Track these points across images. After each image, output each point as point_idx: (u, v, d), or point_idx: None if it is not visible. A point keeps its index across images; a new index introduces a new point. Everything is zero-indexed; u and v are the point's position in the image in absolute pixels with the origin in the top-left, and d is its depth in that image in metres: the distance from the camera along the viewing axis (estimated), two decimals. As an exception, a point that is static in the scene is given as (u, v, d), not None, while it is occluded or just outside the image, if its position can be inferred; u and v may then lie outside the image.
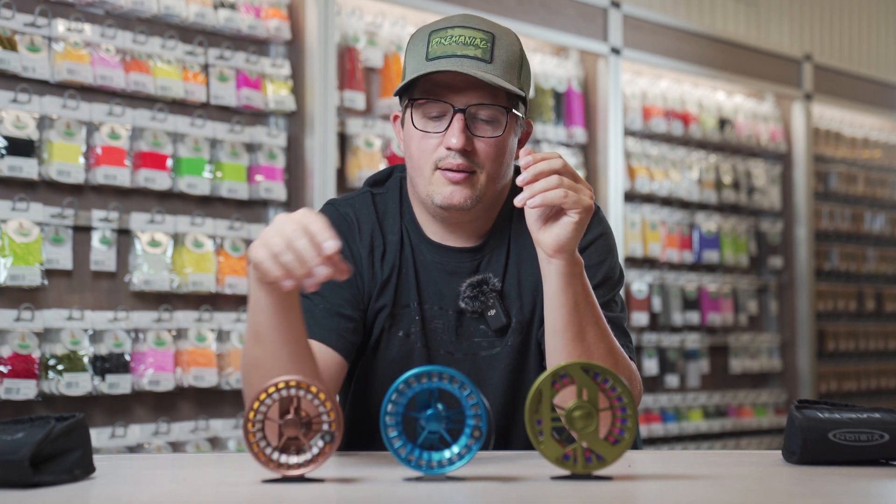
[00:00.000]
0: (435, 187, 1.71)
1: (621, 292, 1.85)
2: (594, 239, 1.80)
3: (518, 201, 1.55)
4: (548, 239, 1.57)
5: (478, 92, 1.69)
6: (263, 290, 1.49)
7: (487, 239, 1.80)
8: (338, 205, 1.85)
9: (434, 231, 1.80)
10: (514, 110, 1.72)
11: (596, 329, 1.61)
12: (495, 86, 1.68)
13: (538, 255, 1.61)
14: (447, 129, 1.69)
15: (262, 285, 1.49)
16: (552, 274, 1.59)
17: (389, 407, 1.33)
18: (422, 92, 1.71)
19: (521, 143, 1.80)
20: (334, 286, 1.72)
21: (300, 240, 1.39)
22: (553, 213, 1.57)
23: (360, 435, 1.81)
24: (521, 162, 1.56)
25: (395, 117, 1.82)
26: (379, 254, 1.79)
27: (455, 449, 1.34)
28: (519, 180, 1.55)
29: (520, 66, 1.74)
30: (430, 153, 1.71)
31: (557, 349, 1.61)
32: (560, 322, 1.60)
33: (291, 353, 1.55)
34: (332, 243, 1.38)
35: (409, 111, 1.73)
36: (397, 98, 1.80)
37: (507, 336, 1.77)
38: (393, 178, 1.87)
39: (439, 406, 1.34)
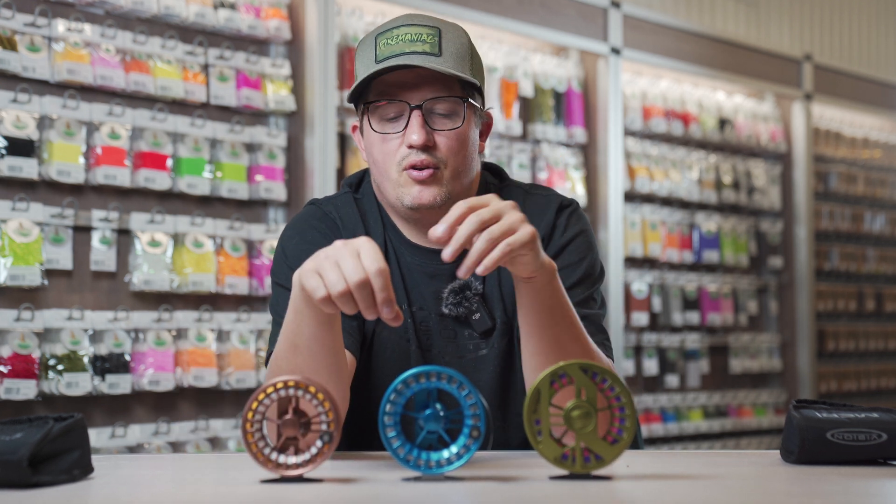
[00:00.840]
0: (403, 189, 1.70)
1: (601, 289, 1.84)
2: (573, 237, 1.79)
3: (462, 273, 1.41)
4: (517, 271, 1.51)
5: (432, 86, 1.69)
6: (309, 304, 1.45)
7: None
8: (320, 204, 1.85)
9: (412, 233, 1.79)
10: (470, 100, 1.72)
11: (571, 330, 1.60)
12: (449, 77, 1.68)
13: (514, 278, 1.56)
14: (406, 127, 1.69)
15: (308, 301, 1.45)
16: (525, 288, 1.56)
17: (388, 407, 1.33)
18: (376, 94, 1.70)
19: (483, 135, 1.80)
20: None
21: (361, 291, 1.34)
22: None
23: (359, 436, 1.81)
24: (433, 239, 1.42)
25: (354, 127, 1.81)
26: None
27: (454, 449, 1.34)
28: (444, 257, 1.42)
29: (470, 56, 1.73)
30: (392, 155, 1.70)
31: (534, 353, 1.60)
32: (535, 328, 1.58)
33: (330, 365, 1.52)
34: (389, 311, 1.34)
35: (365, 117, 1.73)
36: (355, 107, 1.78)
37: (493, 338, 1.77)
38: (366, 182, 1.86)
39: (438, 406, 1.34)
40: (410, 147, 1.68)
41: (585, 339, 1.63)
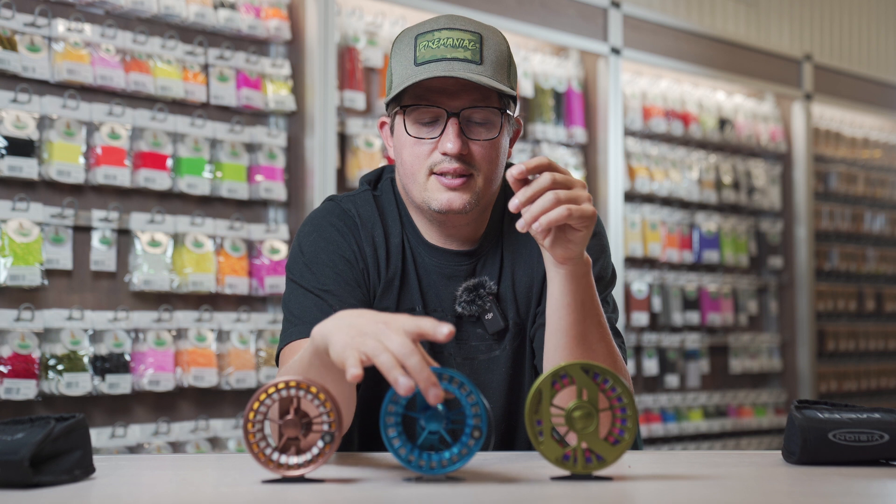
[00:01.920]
0: (431, 193, 1.70)
1: (614, 292, 1.83)
2: None
3: (521, 226, 1.48)
4: (557, 251, 1.53)
5: (470, 94, 1.68)
6: (321, 362, 1.41)
7: (482, 242, 1.79)
8: (339, 200, 1.84)
9: (431, 234, 1.78)
10: (507, 111, 1.71)
11: (598, 329, 1.60)
12: (487, 87, 1.67)
13: (545, 261, 1.58)
14: (441, 133, 1.68)
15: (321, 360, 1.40)
16: (560, 277, 1.56)
17: (389, 407, 1.33)
18: (413, 97, 1.69)
19: (511, 142, 1.80)
20: (348, 286, 1.71)
21: (411, 358, 1.27)
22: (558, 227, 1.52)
23: (371, 438, 1.80)
24: (509, 177, 1.49)
25: (382, 123, 1.80)
26: (383, 253, 1.78)
27: (455, 449, 1.34)
28: (511, 206, 1.48)
29: (508, 64, 1.73)
30: (423, 159, 1.69)
31: (559, 347, 1.60)
32: (565, 321, 1.58)
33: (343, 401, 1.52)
34: (446, 328, 1.27)
35: (400, 118, 1.71)
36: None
37: (505, 339, 1.77)
38: (384, 180, 1.85)
39: (439, 406, 1.34)
40: (445, 154, 1.67)
41: (611, 341, 1.63)
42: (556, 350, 1.61)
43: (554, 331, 1.60)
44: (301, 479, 1.34)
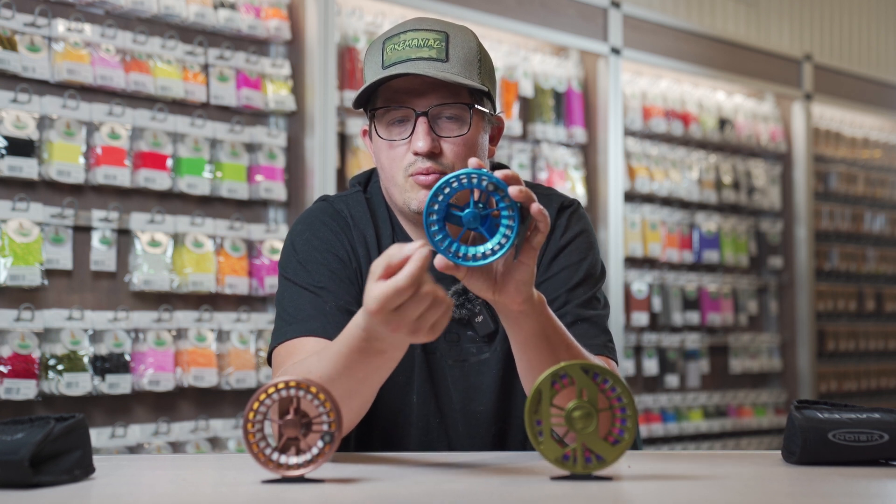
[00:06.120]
0: (410, 194, 1.69)
1: (608, 291, 1.83)
2: (575, 236, 1.79)
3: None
4: (511, 297, 1.47)
5: (438, 92, 1.67)
6: (379, 345, 1.42)
7: None
8: (331, 201, 1.84)
9: (418, 237, 1.78)
10: (477, 106, 1.70)
11: (568, 352, 1.56)
12: (455, 83, 1.66)
13: (500, 314, 1.53)
14: (412, 134, 1.68)
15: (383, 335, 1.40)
16: (522, 320, 1.51)
17: (432, 204, 1.40)
18: (383, 100, 1.70)
19: (493, 140, 1.79)
20: (343, 283, 1.72)
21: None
22: (506, 268, 1.46)
23: (360, 436, 1.80)
24: (512, 192, 1.41)
25: (364, 132, 1.80)
26: (375, 254, 1.78)
27: (489, 245, 1.40)
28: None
29: (479, 61, 1.72)
30: (399, 161, 1.69)
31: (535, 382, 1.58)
32: (536, 360, 1.55)
33: (365, 401, 1.56)
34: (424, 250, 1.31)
35: (373, 122, 1.72)
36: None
37: (496, 341, 1.77)
38: (373, 181, 1.86)
39: (480, 206, 1.40)
40: (416, 154, 1.67)
41: (584, 357, 1.60)
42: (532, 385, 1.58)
43: (529, 369, 1.57)
44: (301, 479, 1.34)
